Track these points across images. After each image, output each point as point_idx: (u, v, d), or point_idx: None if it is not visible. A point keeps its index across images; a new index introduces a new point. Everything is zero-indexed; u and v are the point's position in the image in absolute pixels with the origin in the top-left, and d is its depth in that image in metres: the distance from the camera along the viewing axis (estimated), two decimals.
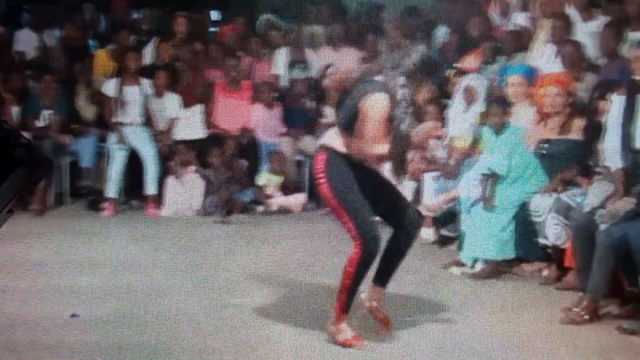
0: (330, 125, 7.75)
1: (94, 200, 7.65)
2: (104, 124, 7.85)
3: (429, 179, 6.51)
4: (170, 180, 7.55)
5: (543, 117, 5.62)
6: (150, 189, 7.55)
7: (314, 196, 7.69)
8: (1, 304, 4.70)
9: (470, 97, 6.46)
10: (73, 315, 4.52)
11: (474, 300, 5.00)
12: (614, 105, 4.91)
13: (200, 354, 4.04)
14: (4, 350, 4.00)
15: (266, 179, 7.67)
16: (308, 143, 7.80)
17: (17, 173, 2.00)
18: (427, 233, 6.38)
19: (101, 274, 5.30)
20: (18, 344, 4.07)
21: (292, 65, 8.41)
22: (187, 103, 7.97)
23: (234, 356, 4.02)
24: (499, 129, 5.65)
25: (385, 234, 4.15)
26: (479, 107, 6.33)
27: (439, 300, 4.93)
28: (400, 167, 4.06)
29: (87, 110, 8.14)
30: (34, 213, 7.23)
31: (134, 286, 5.07)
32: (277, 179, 7.67)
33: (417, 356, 4.06)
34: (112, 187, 7.54)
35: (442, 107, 6.70)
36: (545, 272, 5.37)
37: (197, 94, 8.02)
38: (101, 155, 7.88)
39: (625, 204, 4.61)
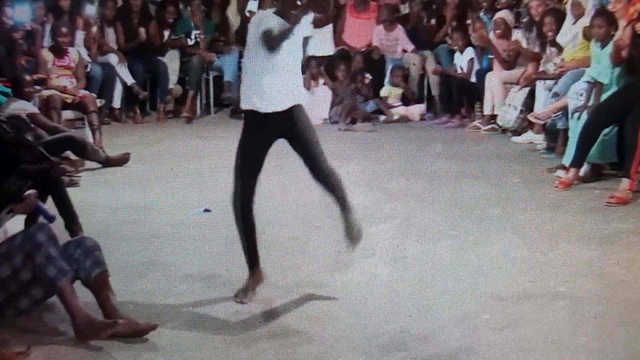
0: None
1: (235, 109, 8.51)
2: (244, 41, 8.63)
3: (540, 87, 6.88)
4: None
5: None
6: None
7: (432, 107, 8.31)
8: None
9: (577, 11, 6.72)
10: (206, 210, 4.96)
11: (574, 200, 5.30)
12: None
13: None
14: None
15: (388, 90, 8.32)
16: (428, 59, 8.36)
17: (18, 172, 2.15)
18: (537, 139, 6.86)
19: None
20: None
21: None
22: (318, 22, 8.60)
23: None
24: (603, 41, 5.91)
25: None
26: (585, 20, 6.59)
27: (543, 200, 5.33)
28: None
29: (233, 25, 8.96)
30: (184, 120, 8.27)
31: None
32: (397, 91, 8.30)
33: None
34: None
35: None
36: None
37: (327, 14, 8.64)
38: (242, 70, 8.68)
39: None
